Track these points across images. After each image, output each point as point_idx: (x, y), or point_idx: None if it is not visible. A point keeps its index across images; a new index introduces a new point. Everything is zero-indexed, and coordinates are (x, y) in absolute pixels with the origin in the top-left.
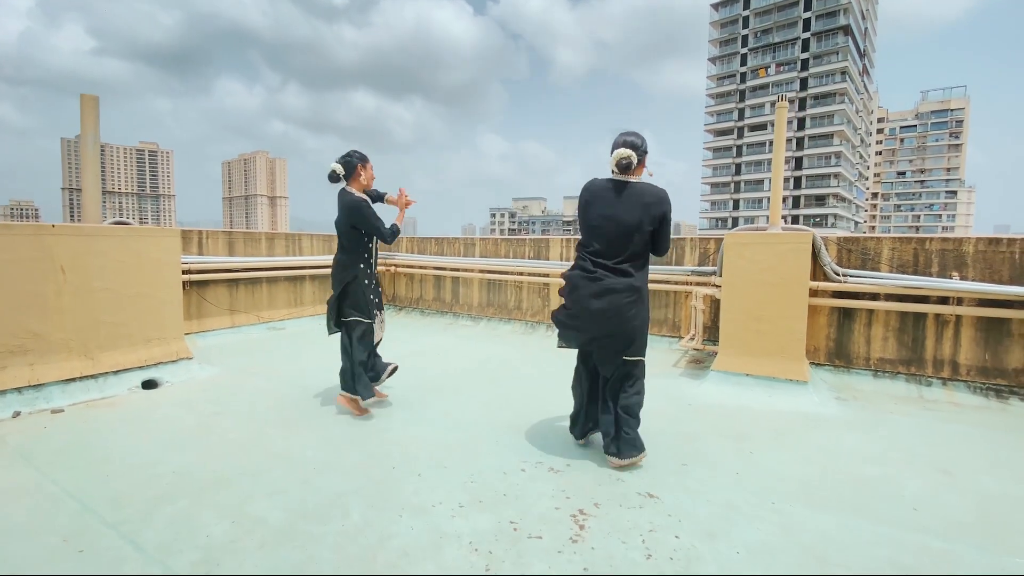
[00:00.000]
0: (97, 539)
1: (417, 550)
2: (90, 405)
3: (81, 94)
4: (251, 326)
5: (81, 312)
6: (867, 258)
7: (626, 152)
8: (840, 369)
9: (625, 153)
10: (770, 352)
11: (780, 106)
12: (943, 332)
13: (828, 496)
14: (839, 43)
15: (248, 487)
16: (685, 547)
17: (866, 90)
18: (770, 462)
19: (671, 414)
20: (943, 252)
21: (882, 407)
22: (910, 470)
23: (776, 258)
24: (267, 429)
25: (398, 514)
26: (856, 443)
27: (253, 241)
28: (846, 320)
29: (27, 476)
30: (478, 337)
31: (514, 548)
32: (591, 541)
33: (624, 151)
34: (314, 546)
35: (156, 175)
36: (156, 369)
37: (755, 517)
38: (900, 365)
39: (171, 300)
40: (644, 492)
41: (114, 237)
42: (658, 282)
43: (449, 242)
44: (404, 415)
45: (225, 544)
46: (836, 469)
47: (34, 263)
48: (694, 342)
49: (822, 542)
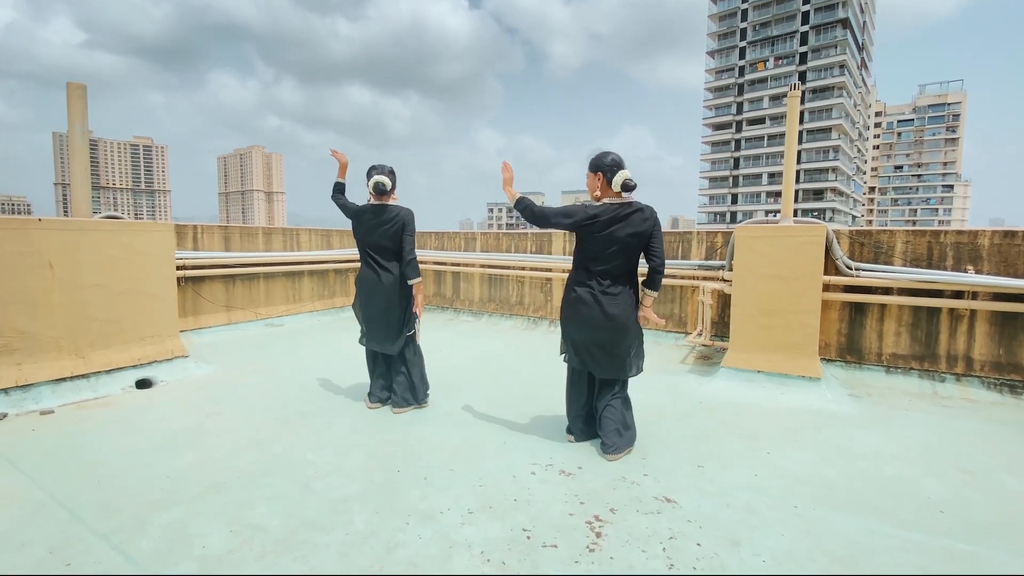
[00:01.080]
0: (86, 550)
1: (426, 560)
2: (81, 406)
3: (68, 82)
4: (248, 323)
5: (71, 309)
6: (880, 252)
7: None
8: (852, 365)
9: (629, 175)
10: (782, 348)
11: (792, 95)
12: (957, 327)
13: (850, 498)
14: (838, 36)
15: (246, 492)
16: (708, 555)
17: (864, 84)
18: (788, 462)
19: (681, 412)
20: (958, 245)
21: (896, 404)
22: (930, 470)
23: (788, 252)
24: (265, 430)
25: (404, 521)
26: (873, 442)
27: (250, 236)
28: (858, 315)
29: (12, 482)
30: (479, 333)
31: (528, 558)
32: (609, 550)
33: (627, 172)
34: (316, 556)
35: (151, 170)
36: (150, 368)
37: (778, 522)
38: (913, 361)
39: (165, 296)
40: (661, 496)
41: (104, 231)
42: (664, 277)
43: (450, 236)
44: (407, 414)
45: (222, 555)
46: (855, 469)
47: (20, 258)
48: (702, 338)
49: (849, 548)
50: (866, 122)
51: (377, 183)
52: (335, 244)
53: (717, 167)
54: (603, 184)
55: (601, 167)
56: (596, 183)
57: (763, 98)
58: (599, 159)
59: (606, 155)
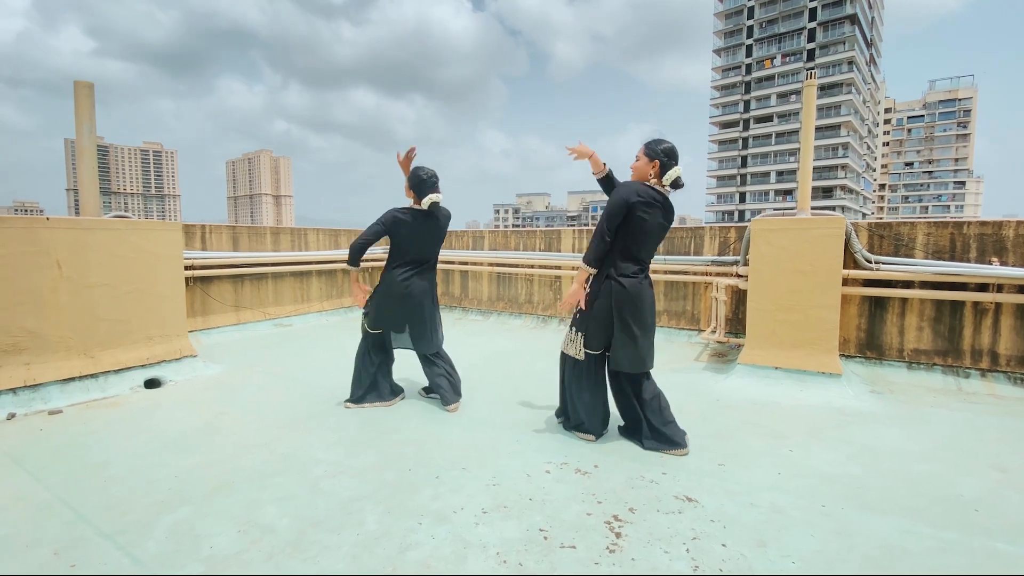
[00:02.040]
0: (91, 551)
1: (439, 561)
2: (90, 405)
3: (75, 81)
4: (257, 323)
5: (79, 309)
6: (900, 244)
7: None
8: (872, 361)
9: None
10: (800, 344)
11: (807, 84)
12: (982, 321)
13: (881, 497)
14: (846, 32)
15: (255, 492)
16: (734, 556)
17: (873, 80)
18: (812, 461)
19: (699, 410)
20: (981, 237)
21: (920, 400)
22: (962, 468)
23: (807, 245)
24: (274, 430)
25: (417, 521)
26: (899, 439)
27: (258, 236)
28: (878, 309)
29: (18, 482)
30: (488, 332)
31: (546, 559)
32: (630, 551)
33: (680, 169)
34: (327, 557)
35: (161, 175)
36: (159, 367)
37: (806, 522)
38: (936, 356)
39: (173, 296)
40: (682, 496)
41: (112, 230)
42: (675, 273)
43: (458, 235)
44: (417, 413)
45: (230, 556)
46: (884, 468)
47: (28, 257)
48: (716, 335)
49: (883, 549)
50: (875, 119)
51: (434, 201)
52: (343, 244)
53: (724, 166)
54: (656, 173)
55: (658, 155)
56: (649, 171)
57: (771, 96)
58: (656, 145)
59: (663, 142)
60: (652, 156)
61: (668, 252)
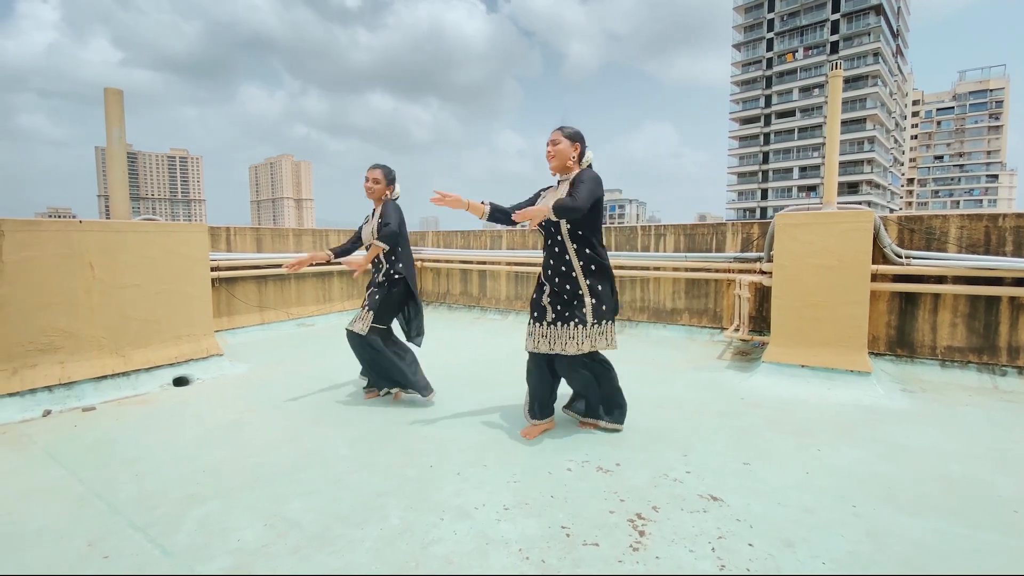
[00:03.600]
0: (124, 543)
1: (462, 557)
2: (122, 403)
3: (105, 88)
4: (280, 323)
5: (111, 309)
6: (932, 238)
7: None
8: (903, 359)
9: None
10: (828, 341)
11: (833, 74)
12: (1019, 316)
13: (915, 498)
14: (871, 23)
15: (281, 487)
16: (761, 556)
17: (900, 72)
18: (842, 460)
19: (722, 408)
20: (1018, 229)
21: (954, 399)
22: (999, 468)
23: (834, 239)
24: (299, 426)
25: (439, 517)
26: (933, 439)
27: (280, 237)
28: (909, 306)
29: (54, 476)
30: (507, 331)
31: (569, 556)
32: (654, 549)
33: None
34: (351, 551)
35: (187, 180)
36: (187, 366)
37: (836, 522)
38: (971, 353)
39: (200, 296)
40: (706, 494)
41: (142, 232)
42: (696, 271)
43: (476, 235)
44: (437, 411)
45: (257, 548)
46: (918, 468)
47: (63, 260)
48: (739, 333)
49: (918, 550)
50: (903, 111)
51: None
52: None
53: (745, 162)
54: (577, 156)
55: (579, 138)
56: (572, 153)
57: (792, 90)
58: (573, 129)
59: (574, 127)
60: (574, 139)
61: (689, 249)
